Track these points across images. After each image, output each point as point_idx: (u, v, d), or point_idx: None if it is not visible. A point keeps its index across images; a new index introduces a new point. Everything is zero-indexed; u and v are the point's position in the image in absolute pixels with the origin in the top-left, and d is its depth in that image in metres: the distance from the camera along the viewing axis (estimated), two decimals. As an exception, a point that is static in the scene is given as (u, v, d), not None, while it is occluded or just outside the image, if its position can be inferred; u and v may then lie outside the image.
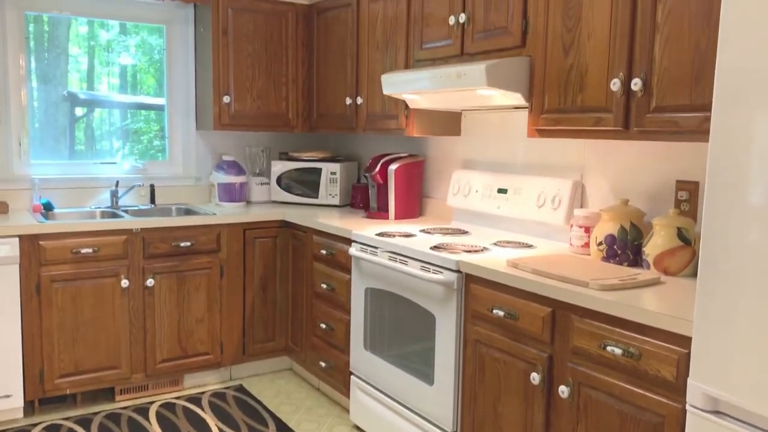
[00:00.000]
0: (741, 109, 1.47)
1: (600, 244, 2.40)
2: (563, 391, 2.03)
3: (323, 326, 3.38)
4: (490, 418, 2.34)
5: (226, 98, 3.82)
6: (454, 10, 2.86)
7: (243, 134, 4.25)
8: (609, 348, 1.88)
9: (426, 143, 3.67)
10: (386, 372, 2.88)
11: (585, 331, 1.96)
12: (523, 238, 2.91)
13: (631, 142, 2.52)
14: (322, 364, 3.41)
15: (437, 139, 3.58)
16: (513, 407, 2.24)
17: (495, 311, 2.28)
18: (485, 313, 2.34)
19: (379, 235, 2.93)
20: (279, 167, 4.09)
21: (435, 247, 2.63)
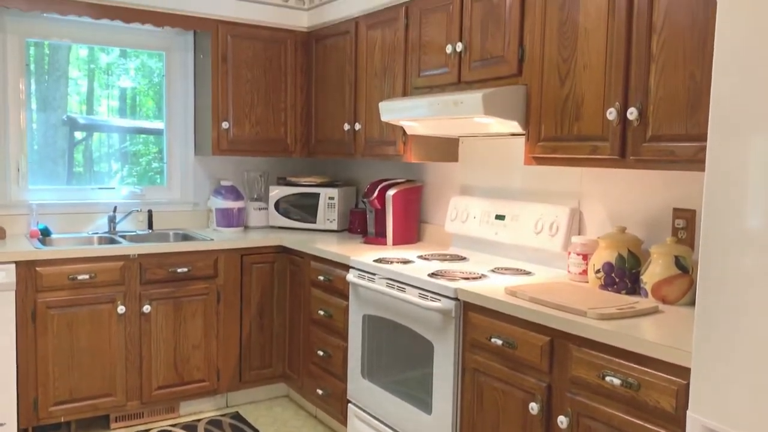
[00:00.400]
0: (736, 138, 1.48)
1: (598, 271, 2.40)
2: (562, 421, 2.02)
3: (320, 353, 3.36)
4: (489, 448, 2.32)
5: (225, 124, 3.83)
6: (451, 38, 2.89)
7: (241, 159, 4.26)
8: (608, 378, 1.87)
9: (424, 169, 3.68)
10: (384, 400, 2.85)
11: (584, 361, 1.95)
12: (521, 264, 2.90)
13: (627, 170, 2.53)
14: (319, 391, 3.38)
15: (435, 165, 3.59)
16: (512, 437, 2.22)
17: (493, 340, 2.27)
18: (484, 342, 2.32)
19: (377, 261, 2.93)
20: (277, 192, 4.10)
21: (433, 274, 2.63)
